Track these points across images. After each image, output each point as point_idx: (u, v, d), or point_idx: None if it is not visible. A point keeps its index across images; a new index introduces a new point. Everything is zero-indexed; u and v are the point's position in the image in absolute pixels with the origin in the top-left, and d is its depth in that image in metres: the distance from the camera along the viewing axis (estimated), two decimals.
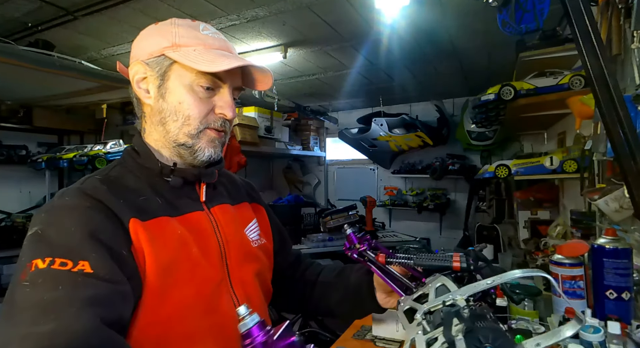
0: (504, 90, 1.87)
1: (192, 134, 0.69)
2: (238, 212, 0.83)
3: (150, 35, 0.70)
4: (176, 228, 0.66)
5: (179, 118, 0.69)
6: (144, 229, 0.61)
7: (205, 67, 0.65)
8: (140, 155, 0.72)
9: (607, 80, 0.72)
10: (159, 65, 0.68)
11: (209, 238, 0.71)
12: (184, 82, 0.68)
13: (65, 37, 2.26)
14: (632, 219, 1.12)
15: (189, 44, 0.68)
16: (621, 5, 1.12)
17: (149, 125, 0.73)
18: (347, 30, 2.24)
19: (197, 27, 0.71)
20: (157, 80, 0.69)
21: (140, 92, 0.71)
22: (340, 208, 3.46)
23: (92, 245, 0.54)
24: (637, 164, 0.70)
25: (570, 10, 0.74)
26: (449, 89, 3.74)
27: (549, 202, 2.46)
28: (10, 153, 3.07)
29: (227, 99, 0.71)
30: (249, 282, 0.76)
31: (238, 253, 0.75)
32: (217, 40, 0.71)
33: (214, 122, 0.71)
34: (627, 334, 0.81)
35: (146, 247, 0.60)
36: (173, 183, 0.70)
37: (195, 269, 0.65)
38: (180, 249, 0.64)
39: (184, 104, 0.68)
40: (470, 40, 2.41)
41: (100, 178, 0.65)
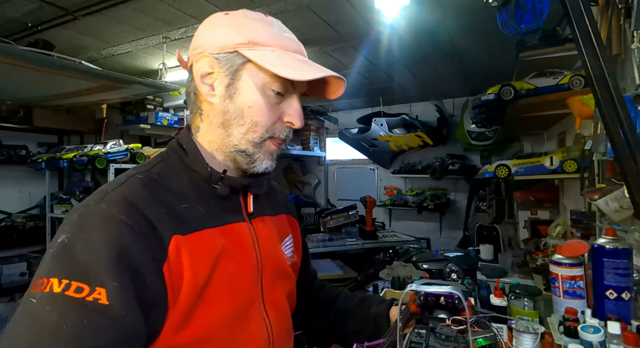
0: (504, 90, 1.87)
1: (255, 142, 0.64)
2: (277, 224, 0.77)
3: (221, 27, 0.63)
4: (217, 241, 0.60)
5: (246, 123, 0.63)
6: (185, 245, 0.56)
7: (287, 74, 0.59)
8: (188, 155, 0.65)
9: (607, 80, 0.72)
10: (230, 62, 0.62)
11: (248, 253, 0.65)
12: (257, 84, 0.62)
13: (65, 37, 2.26)
14: (632, 219, 1.12)
15: (266, 43, 0.61)
16: (621, 5, 1.12)
17: (206, 125, 0.66)
18: (347, 30, 2.24)
19: (272, 24, 0.65)
20: (226, 79, 0.62)
21: (203, 88, 0.63)
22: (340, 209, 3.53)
23: (116, 271, 0.48)
24: (637, 163, 0.70)
25: (570, 10, 0.74)
26: (449, 89, 3.74)
27: (549, 202, 2.46)
28: (10, 153, 3.07)
29: (297, 107, 0.66)
30: (281, 302, 0.71)
31: (273, 271, 0.70)
32: (293, 42, 0.65)
33: (279, 131, 0.66)
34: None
35: (186, 269, 0.55)
36: (220, 192, 0.64)
37: (230, 287, 0.60)
38: (218, 265, 0.59)
39: (253, 108, 0.62)
40: (470, 40, 2.41)
41: (143, 179, 0.59)
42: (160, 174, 0.62)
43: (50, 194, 3.25)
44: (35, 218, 3.21)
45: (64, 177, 3.59)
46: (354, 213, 3.45)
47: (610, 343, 0.81)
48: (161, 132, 3.71)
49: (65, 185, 3.56)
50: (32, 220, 3.18)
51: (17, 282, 3.01)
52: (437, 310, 0.65)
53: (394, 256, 3.24)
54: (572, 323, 0.88)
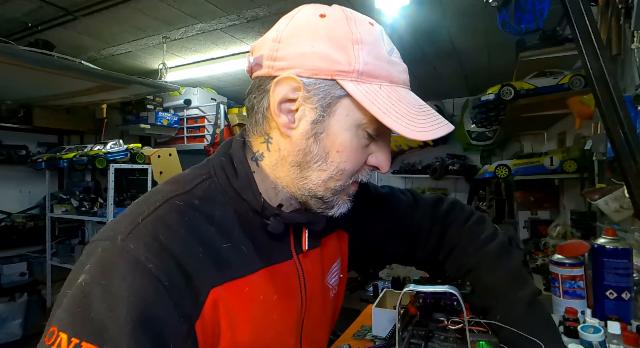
0: (504, 90, 1.87)
1: (336, 189, 0.52)
2: (324, 253, 0.64)
3: (318, 38, 0.47)
4: (259, 290, 0.51)
5: (329, 169, 0.50)
6: (223, 301, 0.47)
7: (404, 130, 0.46)
8: (239, 178, 0.53)
9: (607, 80, 0.72)
10: (323, 92, 0.48)
11: (293, 298, 0.56)
12: (350, 125, 0.49)
13: (65, 37, 2.26)
14: (632, 219, 1.12)
15: (374, 75, 0.48)
16: (621, 5, 1.12)
17: (277, 159, 0.53)
18: None
19: (379, 40, 0.50)
20: (315, 113, 0.49)
21: (281, 118, 0.49)
22: None
23: (134, 336, 0.40)
24: (637, 163, 0.70)
25: (570, 10, 0.74)
26: (449, 89, 3.74)
27: (549, 202, 2.46)
28: (10, 153, 3.08)
29: (388, 151, 0.54)
30: (321, 341, 0.65)
31: (316, 314, 0.61)
32: (401, 70, 0.53)
33: (363, 175, 0.54)
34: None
35: (223, 325, 0.47)
36: (272, 228, 0.52)
37: (272, 341, 0.53)
38: (260, 322, 0.51)
39: (343, 153, 0.50)
40: (470, 40, 2.41)
41: (181, 207, 0.48)
42: (202, 197, 0.51)
43: (50, 194, 3.25)
44: (35, 218, 3.22)
45: (64, 177, 3.59)
46: None
47: (610, 343, 0.81)
48: (161, 132, 3.71)
49: (65, 185, 3.57)
50: (32, 220, 3.19)
51: (17, 282, 3.01)
52: (436, 313, 0.65)
53: None
54: (572, 323, 0.88)
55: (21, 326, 2.79)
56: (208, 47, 2.54)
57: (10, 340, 2.73)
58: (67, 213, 3.09)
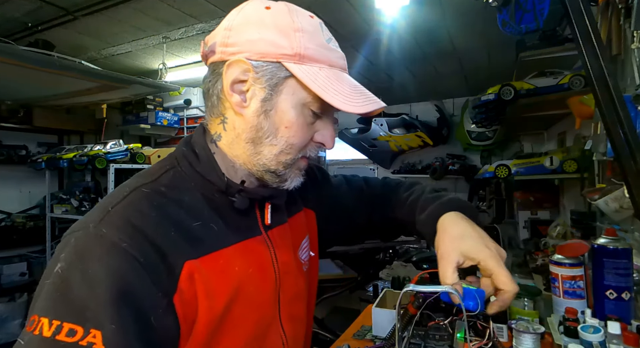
0: (504, 90, 1.87)
1: (287, 163, 0.57)
2: (292, 229, 0.69)
3: (264, 26, 0.53)
4: (234, 263, 0.55)
5: (279, 144, 0.56)
6: (199, 272, 0.50)
7: (340, 104, 0.52)
8: (201, 162, 0.57)
9: (607, 80, 0.72)
10: (270, 73, 0.53)
11: (267, 271, 0.60)
12: (296, 103, 0.55)
13: (65, 37, 2.26)
14: (632, 219, 1.12)
15: (314, 58, 0.54)
16: (621, 5, 1.12)
17: (232, 137, 0.58)
18: (347, 30, 2.24)
19: (319, 29, 0.56)
20: (263, 92, 0.54)
21: (233, 97, 0.55)
22: None
23: (116, 311, 0.42)
24: (637, 163, 0.70)
25: (570, 10, 0.74)
26: (449, 89, 3.74)
27: (549, 202, 2.46)
28: (10, 153, 3.07)
29: (331, 128, 0.61)
30: (297, 316, 0.67)
31: (292, 286, 0.65)
32: (339, 55, 0.58)
33: (310, 150, 0.60)
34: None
35: (200, 298, 0.50)
36: (239, 205, 0.57)
37: (249, 312, 0.56)
38: (236, 292, 0.54)
39: (290, 129, 0.55)
40: (470, 40, 2.41)
41: (149, 194, 0.52)
42: (168, 185, 0.55)
43: (50, 194, 3.25)
44: (35, 218, 3.21)
45: (64, 177, 3.59)
46: None
47: (610, 343, 0.81)
48: (161, 132, 3.71)
49: (65, 185, 3.57)
50: (32, 220, 3.19)
51: (17, 282, 3.01)
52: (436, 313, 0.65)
53: (394, 256, 3.24)
54: (572, 323, 0.88)
55: (21, 326, 2.79)
56: None
57: (10, 340, 2.73)
58: (67, 214, 3.09)
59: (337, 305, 3.35)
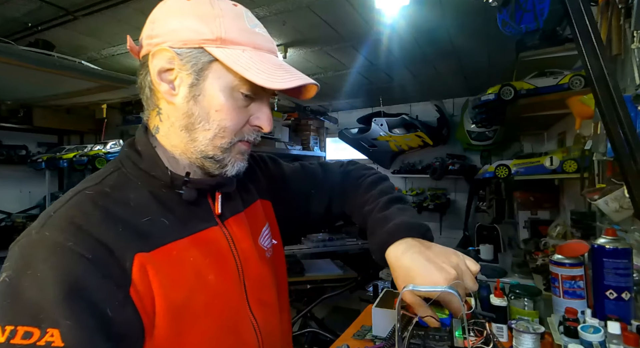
0: (504, 90, 1.87)
1: (224, 147, 0.58)
2: (250, 217, 0.71)
3: (183, 15, 0.55)
4: (188, 254, 0.55)
5: (212, 128, 0.56)
6: (151, 264, 0.50)
7: (262, 81, 0.53)
8: (144, 160, 0.58)
9: (607, 80, 0.72)
10: (194, 59, 0.54)
11: (226, 259, 0.61)
12: (224, 87, 0.56)
13: (65, 37, 2.26)
14: (632, 219, 1.12)
15: (236, 41, 0.55)
16: (621, 5, 1.12)
17: (168, 127, 0.59)
18: (347, 30, 2.24)
19: (242, 15, 0.57)
20: (190, 78, 0.55)
21: (162, 86, 0.56)
22: None
23: (69, 307, 0.42)
24: (637, 163, 0.70)
25: (570, 10, 0.74)
26: (449, 89, 3.74)
27: (549, 202, 2.46)
28: (10, 153, 3.07)
29: (266, 110, 0.61)
30: (266, 300, 0.67)
31: (255, 271, 0.65)
32: (265, 39, 0.59)
33: (248, 134, 0.61)
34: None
35: (155, 288, 0.50)
36: (187, 196, 0.58)
37: (213, 301, 0.56)
38: (195, 281, 0.54)
39: (221, 112, 0.56)
40: (470, 40, 2.40)
41: (93, 195, 0.52)
42: (113, 186, 0.55)
43: (50, 194, 3.25)
44: (35, 219, 3.21)
45: (64, 177, 3.59)
46: None
47: (610, 343, 0.81)
48: None
49: (65, 185, 3.57)
50: (32, 220, 3.17)
51: None
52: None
53: None
54: (572, 323, 0.88)
55: None
56: None
57: None
58: None
59: (337, 305, 3.35)
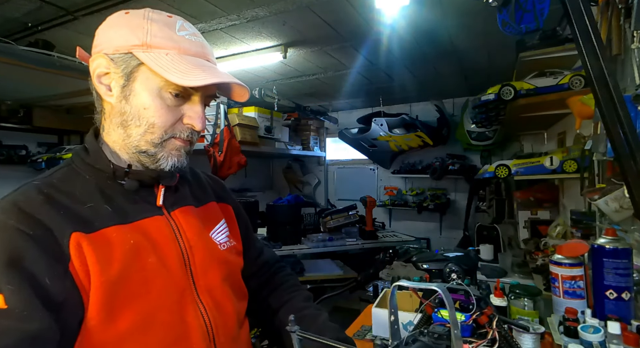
0: (504, 90, 1.87)
1: (155, 142, 0.64)
2: (204, 213, 0.77)
3: (118, 26, 0.63)
4: (129, 237, 0.61)
5: (142, 124, 0.63)
6: (89, 243, 0.56)
7: (176, 79, 0.59)
8: (90, 155, 0.66)
9: (607, 80, 0.72)
10: (125, 63, 0.62)
11: (169, 245, 0.66)
12: (152, 87, 0.62)
13: (65, 37, 2.26)
14: (632, 219, 1.12)
15: (161, 46, 0.61)
16: (621, 5, 1.12)
17: (108, 125, 0.66)
18: (347, 30, 2.24)
19: (173, 25, 0.64)
20: (122, 80, 0.63)
21: (100, 88, 0.64)
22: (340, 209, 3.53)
23: (10, 275, 0.49)
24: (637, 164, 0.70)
25: (570, 10, 0.74)
26: (449, 89, 3.74)
27: (549, 202, 2.46)
28: (10, 153, 3.07)
29: (198, 110, 0.66)
30: (217, 287, 0.71)
31: (204, 259, 0.70)
32: (194, 44, 0.65)
33: (180, 132, 0.66)
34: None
35: (91, 264, 0.56)
36: (128, 186, 0.65)
37: (153, 280, 0.61)
38: (132, 260, 0.59)
39: (149, 110, 0.63)
40: (470, 40, 2.41)
41: (39, 185, 0.60)
42: (61, 178, 0.63)
43: None
44: None
45: None
46: (354, 213, 3.44)
47: (610, 343, 0.81)
48: None
49: None
50: None
51: None
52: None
53: (394, 256, 3.24)
54: (572, 323, 0.88)
55: None
56: None
57: None
58: None
59: (337, 305, 3.35)
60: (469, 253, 1.17)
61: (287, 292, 0.88)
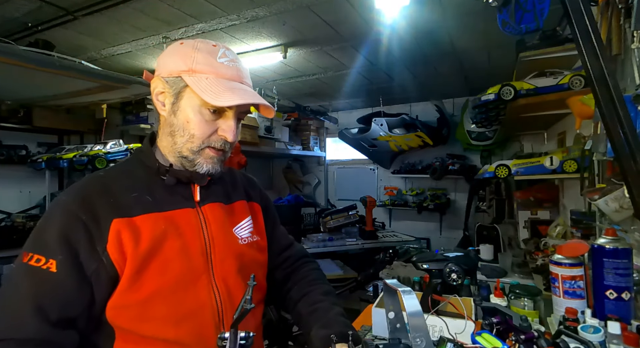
0: (504, 90, 1.87)
1: (193, 150, 0.78)
2: (231, 210, 0.89)
3: (173, 55, 0.78)
4: (160, 223, 0.75)
5: (185, 135, 0.77)
6: (127, 226, 0.71)
7: (209, 99, 0.71)
8: (144, 154, 0.83)
9: (607, 80, 0.72)
10: (175, 84, 0.76)
11: (195, 234, 0.78)
12: (193, 105, 0.76)
13: (65, 37, 2.26)
14: (632, 219, 1.12)
15: (203, 71, 0.74)
16: (621, 5, 1.12)
17: (161, 133, 0.82)
18: (347, 30, 2.24)
19: (215, 53, 0.76)
20: (172, 98, 0.77)
21: (157, 104, 0.80)
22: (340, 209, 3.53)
23: (62, 247, 0.66)
24: (637, 163, 0.70)
25: (570, 10, 0.74)
26: (449, 89, 3.74)
27: (549, 202, 2.46)
28: (10, 153, 3.07)
29: (231, 124, 0.78)
30: (231, 276, 0.81)
31: (222, 250, 0.81)
32: (230, 69, 0.77)
33: (215, 142, 0.79)
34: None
35: (126, 242, 0.70)
36: (167, 182, 0.80)
37: (174, 261, 0.74)
38: (160, 242, 0.73)
39: (190, 123, 0.76)
40: (470, 40, 2.41)
41: (102, 176, 0.78)
42: (120, 170, 0.81)
43: (50, 194, 3.24)
44: (35, 218, 3.20)
45: (64, 177, 3.58)
46: (354, 213, 3.44)
47: (610, 343, 0.81)
48: None
49: (65, 185, 3.56)
50: (32, 220, 3.18)
51: None
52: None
53: (394, 256, 3.24)
54: (572, 323, 0.88)
55: None
56: None
57: None
58: None
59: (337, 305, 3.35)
60: (469, 253, 1.17)
61: (307, 285, 0.96)
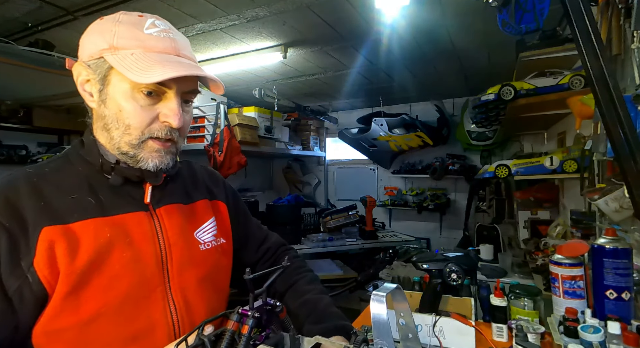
0: (504, 90, 1.87)
1: (133, 143, 0.64)
2: (191, 211, 0.77)
3: (91, 33, 0.65)
4: (105, 230, 0.62)
5: (120, 126, 0.64)
6: (63, 235, 0.59)
7: (134, 77, 0.58)
8: (84, 148, 0.68)
9: (607, 80, 0.72)
10: (99, 68, 0.63)
11: (147, 242, 0.67)
12: (123, 89, 0.63)
13: (65, 37, 2.26)
14: (632, 219, 1.12)
15: (127, 47, 0.61)
16: (621, 5, 1.12)
17: (96, 128, 0.69)
18: (347, 30, 2.24)
19: (141, 24, 0.63)
20: (98, 85, 0.64)
21: (85, 95, 0.67)
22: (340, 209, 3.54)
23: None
24: (637, 163, 0.70)
25: (570, 10, 0.74)
26: (449, 89, 3.74)
27: (549, 202, 2.46)
28: (10, 153, 3.07)
29: (173, 107, 0.64)
30: (191, 288, 0.70)
31: (181, 258, 0.70)
32: (162, 41, 0.63)
33: (158, 131, 0.65)
34: None
35: (60, 255, 0.58)
36: (112, 181, 0.67)
37: (124, 275, 0.62)
38: (105, 253, 0.61)
39: (123, 112, 0.63)
40: (470, 40, 2.40)
41: (30, 173, 0.64)
42: (54, 168, 0.67)
43: None
44: None
45: None
46: (354, 213, 3.45)
47: (610, 343, 0.81)
48: None
49: None
50: None
51: None
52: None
53: (394, 256, 3.24)
54: (572, 323, 0.88)
55: None
56: (208, 47, 2.54)
57: None
58: None
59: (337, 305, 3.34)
60: (469, 253, 1.17)
61: (291, 275, 0.89)
